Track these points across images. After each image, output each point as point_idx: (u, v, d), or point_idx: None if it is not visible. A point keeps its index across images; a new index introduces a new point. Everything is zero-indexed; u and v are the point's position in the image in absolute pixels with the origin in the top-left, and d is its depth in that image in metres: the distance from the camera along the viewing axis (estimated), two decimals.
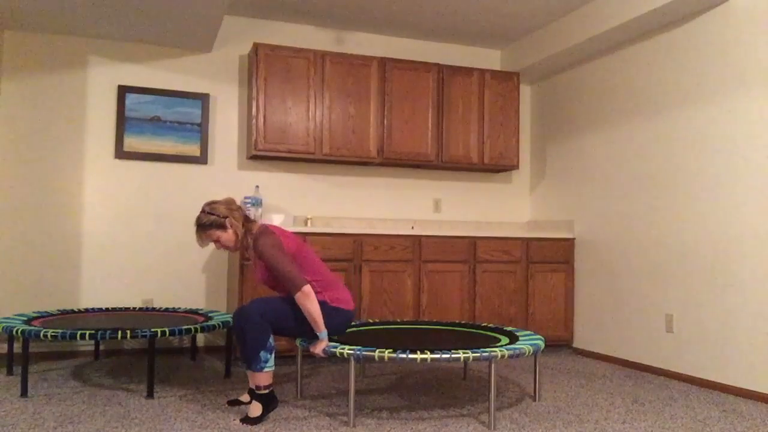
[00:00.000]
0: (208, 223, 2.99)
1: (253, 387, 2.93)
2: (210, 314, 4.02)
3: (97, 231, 4.45)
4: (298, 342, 3.09)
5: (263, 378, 2.90)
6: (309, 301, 2.87)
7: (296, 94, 4.56)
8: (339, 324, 3.09)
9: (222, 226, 2.99)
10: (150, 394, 3.26)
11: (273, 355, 2.91)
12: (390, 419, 2.96)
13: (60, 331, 3.18)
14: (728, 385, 3.62)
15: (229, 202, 3.07)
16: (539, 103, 5.50)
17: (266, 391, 2.91)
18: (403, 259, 4.47)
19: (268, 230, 3.01)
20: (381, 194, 5.11)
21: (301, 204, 4.89)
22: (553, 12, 4.62)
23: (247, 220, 3.08)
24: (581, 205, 4.90)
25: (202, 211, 3.02)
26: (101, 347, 4.41)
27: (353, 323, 3.68)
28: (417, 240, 4.52)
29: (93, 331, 3.20)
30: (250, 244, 3.04)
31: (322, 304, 2.98)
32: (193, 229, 3.04)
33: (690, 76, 3.96)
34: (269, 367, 2.89)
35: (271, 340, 2.89)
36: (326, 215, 4.95)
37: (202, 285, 4.65)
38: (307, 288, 2.87)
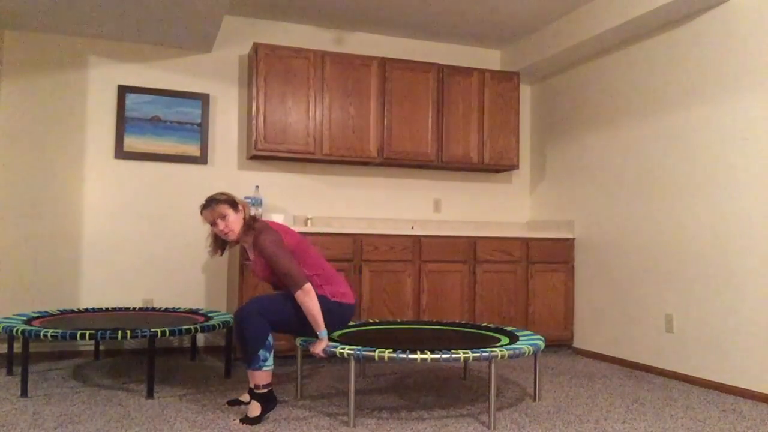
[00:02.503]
0: (222, 198, 3.04)
1: (252, 386, 2.93)
2: (210, 314, 4.02)
3: (97, 231, 4.45)
4: (298, 342, 3.09)
5: (262, 377, 2.90)
6: (309, 299, 2.88)
7: (296, 94, 4.56)
8: (341, 318, 3.11)
9: (234, 205, 3.05)
10: (150, 394, 3.26)
11: (272, 355, 2.91)
12: (390, 419, 2.96)
13: (60, 331, 3.19)
14: (728, 385, 3.62)
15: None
16: (539, 103, 5.50)
17: (265, 391, 2.91)
18: (403, 259, 4.47)
19: (269, 227, 3.03)
20: (381, 194, 5.11)
21: (301, 204, 4.89)
22: (553, 12, 4.62)
23: (252, 219, 3.11)
24: (581, 205, 4.90)
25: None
26: (101, 347, 4.40)
27: (353, 323, 3.68)
28: (417, 240, 4.52)
29: (93, 331, 3.20)
30: (251, 242, 3.05)
31: (323, 299, 2.99)
32: (199, 219, 3.13)
33: (690, 76, 3.96)
34: (268, 366, 2.89)
35: (270, 339, 2.89)
36: (326, 215, 4.95)
37: (202, 285, 4.65)
38: (308, 286, 2.88)
